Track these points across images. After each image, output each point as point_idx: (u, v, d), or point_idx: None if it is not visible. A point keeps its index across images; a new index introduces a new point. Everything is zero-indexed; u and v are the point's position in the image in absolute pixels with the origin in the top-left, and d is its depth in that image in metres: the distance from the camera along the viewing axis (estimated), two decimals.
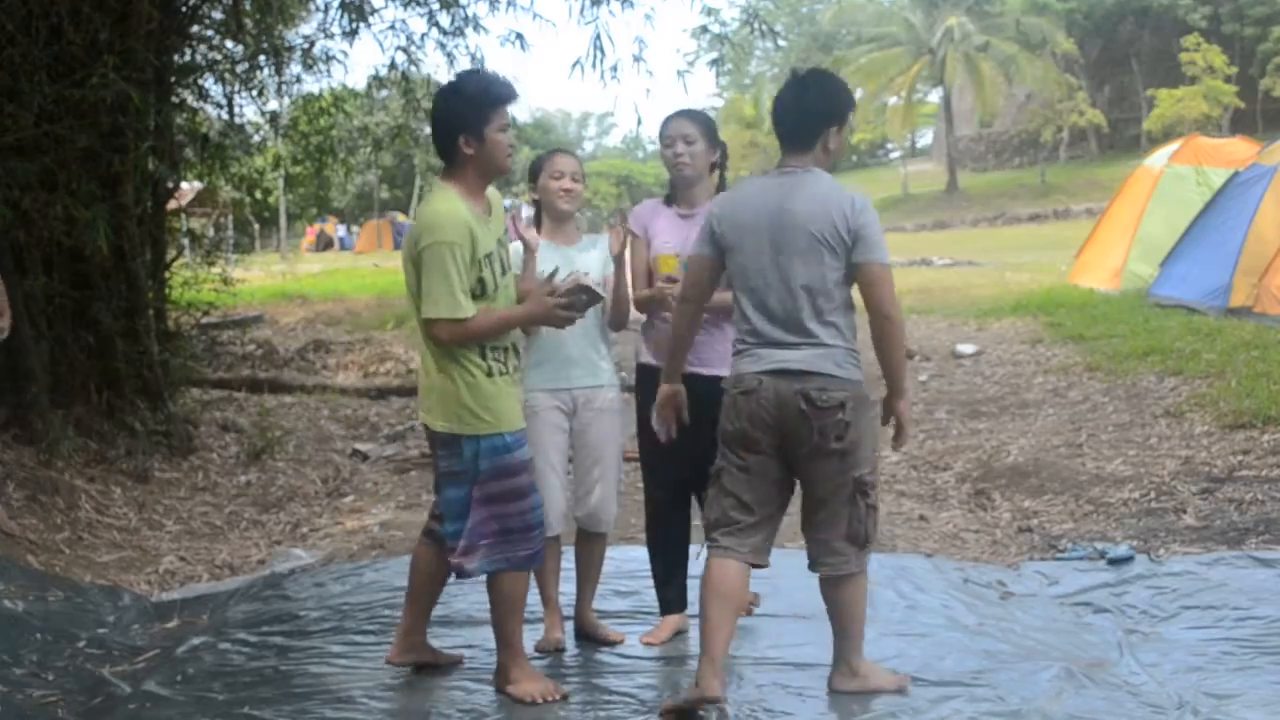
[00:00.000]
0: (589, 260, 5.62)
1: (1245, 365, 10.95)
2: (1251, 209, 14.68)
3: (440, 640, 5.49)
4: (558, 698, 4.77)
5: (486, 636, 5.48)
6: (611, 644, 5.51)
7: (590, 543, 5.64)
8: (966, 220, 51.97)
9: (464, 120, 4.70)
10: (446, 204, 4.68)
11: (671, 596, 5.63)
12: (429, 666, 5.13)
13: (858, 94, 58.59)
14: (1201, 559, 6.63)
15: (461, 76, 5.42)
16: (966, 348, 15.23)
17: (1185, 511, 7.68)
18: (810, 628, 5.33)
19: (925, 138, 73.72)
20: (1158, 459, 8.79)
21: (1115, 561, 6.62)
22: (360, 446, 10.62)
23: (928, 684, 4.88)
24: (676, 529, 5.61)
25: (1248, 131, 38.62)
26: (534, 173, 5.70)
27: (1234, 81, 50.00)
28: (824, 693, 4.78)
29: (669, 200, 5.73)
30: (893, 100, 56.63)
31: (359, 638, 5.66)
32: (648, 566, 5.82)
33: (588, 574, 5.66)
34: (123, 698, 5.00)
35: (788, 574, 5.77)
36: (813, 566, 4.75)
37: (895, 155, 73.93)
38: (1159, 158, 19.98)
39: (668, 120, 5.60)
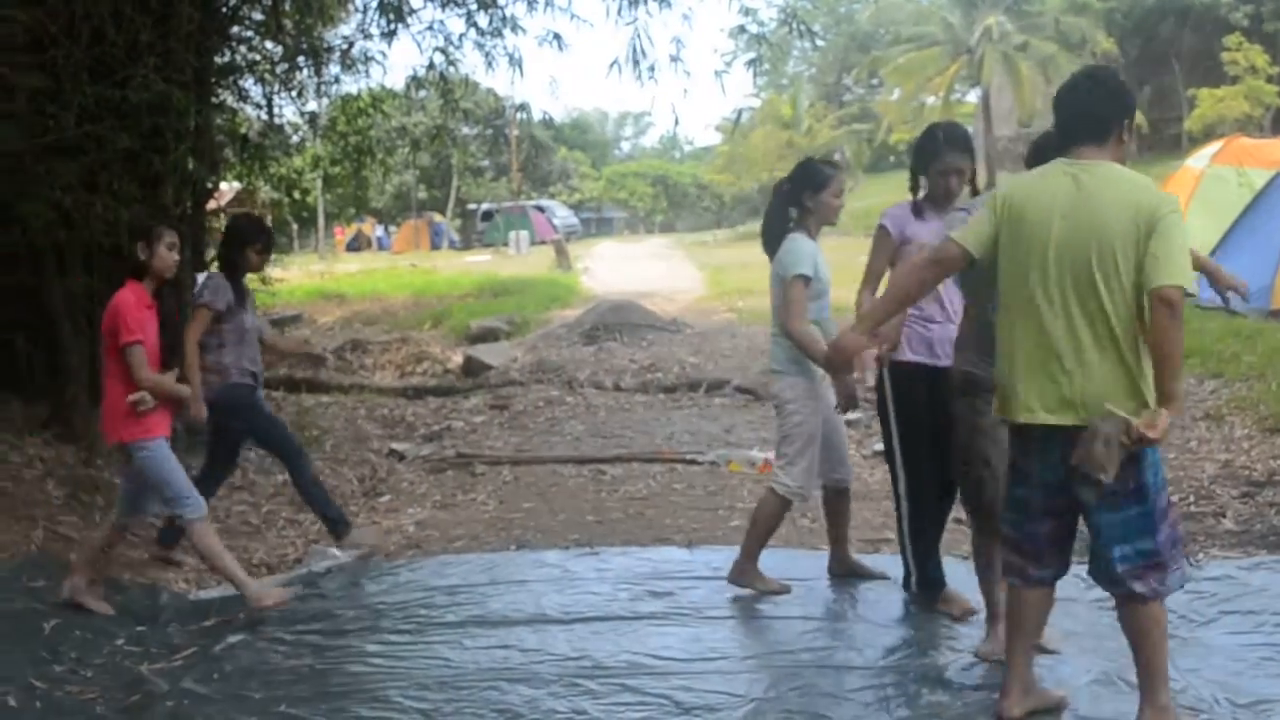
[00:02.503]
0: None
1: None
2: None
3: (474, 640, 5.52)
4: None
5: (521, 637, 5.52)
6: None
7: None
8: None
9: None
10: None
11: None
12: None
13: (895, 94, 58.52)
14: (1241, 564, 6.58)
15: None
16: None
17: (1225, 515, 7.63)
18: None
19: None
20: (1197, 462, 8.73)
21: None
22: (397, 446, 10.66)
23: (964, 688, 4.88)
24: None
25: None
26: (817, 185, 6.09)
27: (1276, 81, 49.59)
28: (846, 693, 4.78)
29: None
30: (930, 100, 56.17)
31: (394, 637, 5.68)
32: (682, 568, 5.86)
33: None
34: (160, 695, 5.03)
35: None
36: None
37: None
38: (1200, 158, 19.80)
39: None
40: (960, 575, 5.92)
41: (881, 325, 5.04)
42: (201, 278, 6.89)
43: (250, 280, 12.82)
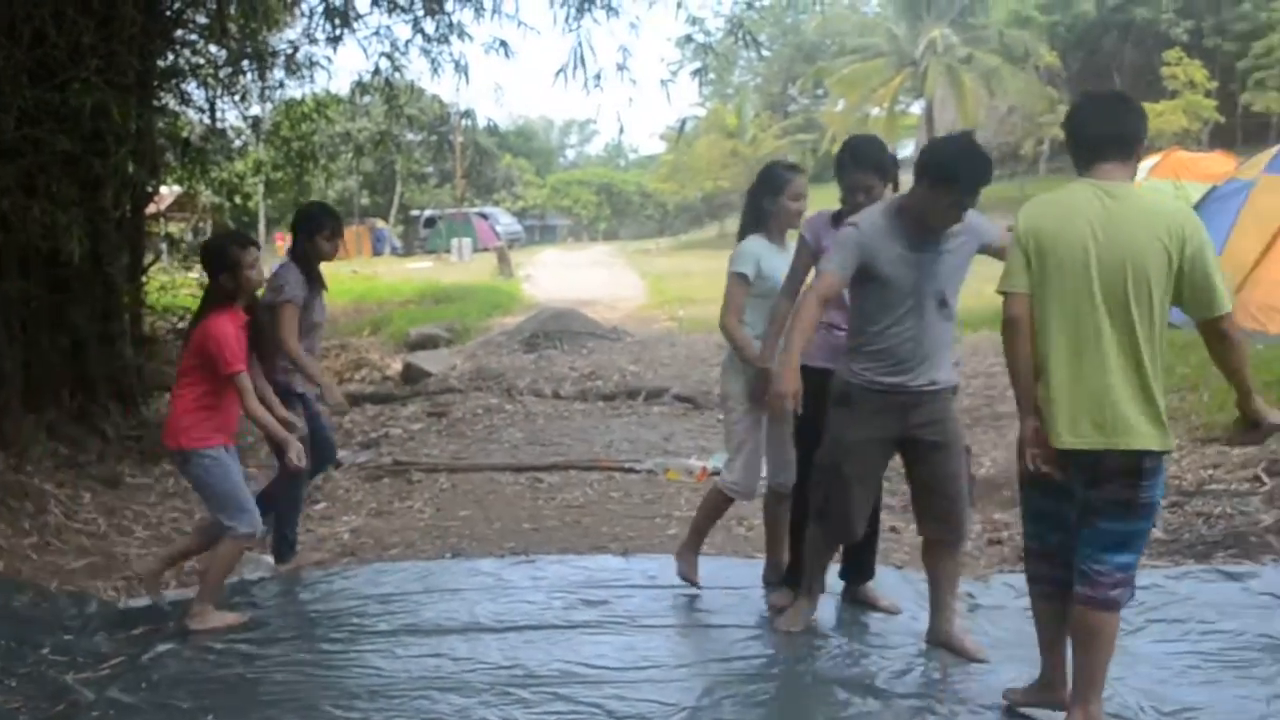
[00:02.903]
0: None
1: (1219, 380, 10.98)
2: (1229, 224, 14.70)
3: (406, 649, 5.52)
4: None
5: (453, 646, 5.53)
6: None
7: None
8: None
9: None
10: None
11: None
12: None
13: (839, 105, 58.81)
14: (1169, 572, 6.67)
15: None
16: None
17: (1154, 525, 7.73)
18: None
19: (907, 149, 73.71)
20: None
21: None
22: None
23: (893, 696, 4.92)
24: None
25: (1226, 146, 38.82)
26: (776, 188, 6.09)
27: (1214, 96, 50.21)
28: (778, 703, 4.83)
29: None
30: (875, 111, 56.60)
31: (326, 646, 5.66)
32: (618, 576, 5.91)
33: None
34: (85, 705, 4.98)
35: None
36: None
37: None
38: (1139, 170, 20.09)
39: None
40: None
41: None
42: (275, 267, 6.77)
43: (188, 285, 12.83)
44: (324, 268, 6.97)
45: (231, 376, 5.85)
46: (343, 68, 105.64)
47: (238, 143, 14.63)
